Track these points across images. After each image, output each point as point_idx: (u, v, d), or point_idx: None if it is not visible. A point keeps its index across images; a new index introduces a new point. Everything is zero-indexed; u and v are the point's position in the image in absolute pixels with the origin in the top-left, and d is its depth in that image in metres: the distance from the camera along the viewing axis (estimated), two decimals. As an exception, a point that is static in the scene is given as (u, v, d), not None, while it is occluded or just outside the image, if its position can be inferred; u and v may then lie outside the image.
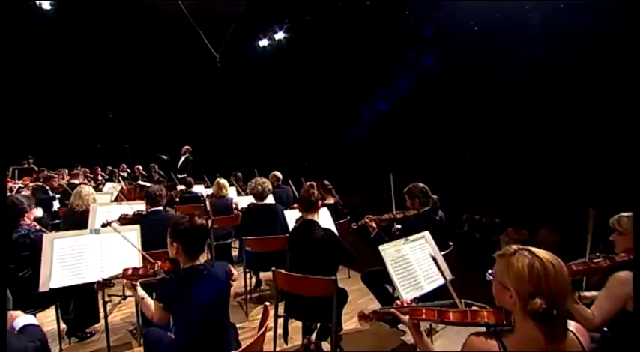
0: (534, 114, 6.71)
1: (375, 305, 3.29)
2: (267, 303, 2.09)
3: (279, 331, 2.83)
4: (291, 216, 3.51)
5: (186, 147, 8.49)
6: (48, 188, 5.58)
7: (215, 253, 4.75)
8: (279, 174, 5.54)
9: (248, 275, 3.85)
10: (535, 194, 6.59)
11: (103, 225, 3.49)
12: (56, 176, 5.78)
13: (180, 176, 8.10)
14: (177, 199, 5.97)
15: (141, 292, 2.00)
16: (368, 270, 3.43)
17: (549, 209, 6.19)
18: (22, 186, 6.97)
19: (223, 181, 4.99)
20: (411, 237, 2.60)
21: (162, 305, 1.84)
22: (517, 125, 6.92)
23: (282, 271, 2.59)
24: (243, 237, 3.59)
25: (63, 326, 3.07)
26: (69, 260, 2.47)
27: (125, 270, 2.00)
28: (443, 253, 2.89)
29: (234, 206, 4.93)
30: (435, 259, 2.30)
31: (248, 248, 3.57)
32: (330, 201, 4.52)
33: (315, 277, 2.48)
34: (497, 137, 7.33)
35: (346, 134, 9.95)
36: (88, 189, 4.05)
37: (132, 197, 7.06)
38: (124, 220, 3.36)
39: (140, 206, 3.70)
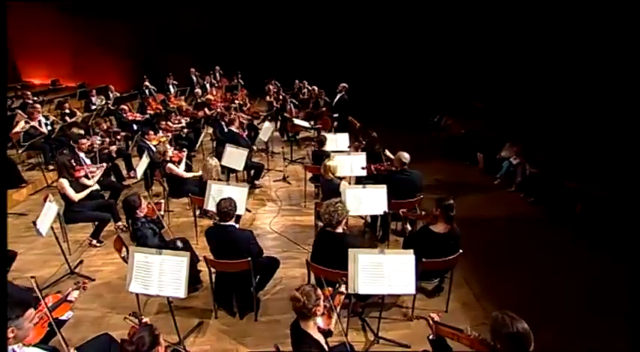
0: None
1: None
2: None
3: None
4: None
5: (343, 84, 7.91)
6: (223, 123, 6.67)
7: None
8: (405, 158, 4.55)
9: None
10: None
11: (204, 212, 4.06)
12: (227, 113, 6.82)
13: (334, 115, 7.94)
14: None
15: None
16: None
17: None
18: (221, 107, 8.57)
19: (330, 163, 4.50)
20: None
21: None
22: None
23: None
24: (307, 261, 3.41)
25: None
26: (140, 272, 3.03)
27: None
28: None
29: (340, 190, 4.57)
30: None
31: (312, 273, 3.42)
32: (439, 229, 3.54)
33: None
34: None
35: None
36: (212, 162, 4.63)
37: (291, 130, 7.73)
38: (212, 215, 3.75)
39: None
